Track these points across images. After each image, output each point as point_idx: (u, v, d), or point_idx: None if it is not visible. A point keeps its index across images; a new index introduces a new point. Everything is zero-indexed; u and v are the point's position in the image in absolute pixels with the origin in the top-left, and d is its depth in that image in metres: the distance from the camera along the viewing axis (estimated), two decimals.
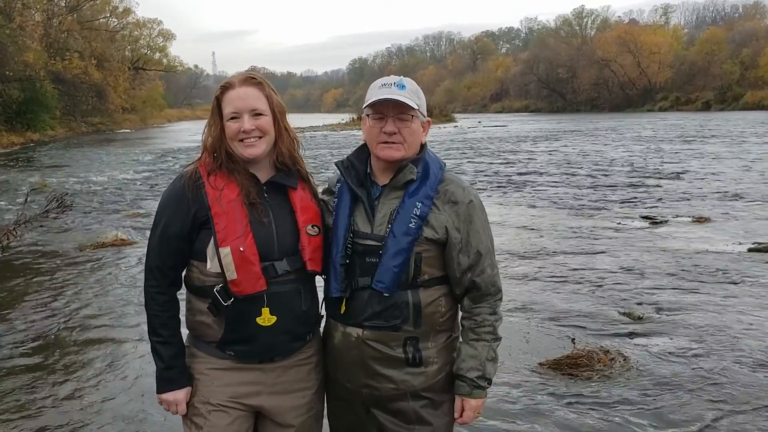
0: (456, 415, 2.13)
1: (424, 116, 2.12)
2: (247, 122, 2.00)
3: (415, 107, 2.05)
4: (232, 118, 2.01)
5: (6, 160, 24.57)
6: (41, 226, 9.39)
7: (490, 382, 2.11)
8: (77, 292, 6.68)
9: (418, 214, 2.02)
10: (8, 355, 4.96)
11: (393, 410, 2.11)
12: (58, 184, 15.96)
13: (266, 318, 2.00)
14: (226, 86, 2.04)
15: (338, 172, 2.17)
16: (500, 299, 2.14)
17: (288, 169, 2.11)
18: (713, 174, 15.08)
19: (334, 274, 2.07)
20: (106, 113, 54.26)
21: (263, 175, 2.08)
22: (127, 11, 61.70)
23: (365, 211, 2.08)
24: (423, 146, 2.14)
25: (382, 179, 2.12)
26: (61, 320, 5.76)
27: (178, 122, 76.61)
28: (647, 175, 15.33)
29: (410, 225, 2.01)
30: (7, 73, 34.92)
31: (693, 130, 31.59)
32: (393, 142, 2.04)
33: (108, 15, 60.74)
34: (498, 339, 2.12)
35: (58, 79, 44.47)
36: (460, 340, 2.14)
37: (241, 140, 2.01)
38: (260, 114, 2.02)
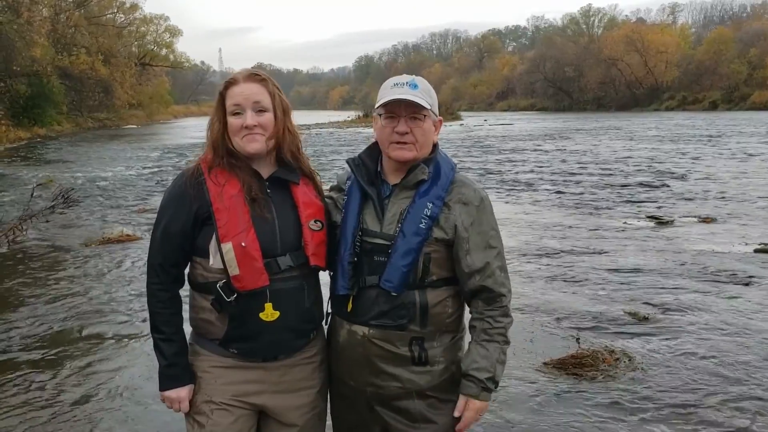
0: (456, 413, 2.09)
1: (436, 115, 2.10)
2: (250, 117, 2.00)
3: (428, 107, 2.04)
4: (235, 113, 2.01)
5: (13, 155, 24.68)
6: (47, 221, 9.42)
7: (497, 385, 2.08)
8: (82, 288, 6.69)
9: (428, 214, 2.01)
10: (12, 349, 4.97)
11: (397, 408, 2.10)
12: (64, 179, 16.01)
13: (269, 313, 1.99)
14: (231, 82, 2.04)
15: (348, 169, 2.17)
16: (510, 300, 2.11)
17: (290, 166, 2.11)
18: (719, 174, 15.02)
19: (342, 271, 2.06)
20: (113, 109, 54.40)
21: (266, 171, 2.08)
22: (134, 7, 61.79)
23: (375, 210, 2.08)
24: (435, 146, 2.13)
25: (393, 178, 2.11)
26: (66, 315, 5.77)
27: (184, 118, 76.74)
28: (653, 174, 15.27)
29: (420, 225, 2.00)
30: (15, 68, 35.01)
31: (700, 130, 31.45)
32: (405, 143, 2.04)
33: (115, 11, 60.83)
34: (508, 342, 2.09)
35: (65, 75, 44.61)
36: (471, 340, 2.11)
37: (243, 136, 2.01)
38: (263, 110, 2.01)
